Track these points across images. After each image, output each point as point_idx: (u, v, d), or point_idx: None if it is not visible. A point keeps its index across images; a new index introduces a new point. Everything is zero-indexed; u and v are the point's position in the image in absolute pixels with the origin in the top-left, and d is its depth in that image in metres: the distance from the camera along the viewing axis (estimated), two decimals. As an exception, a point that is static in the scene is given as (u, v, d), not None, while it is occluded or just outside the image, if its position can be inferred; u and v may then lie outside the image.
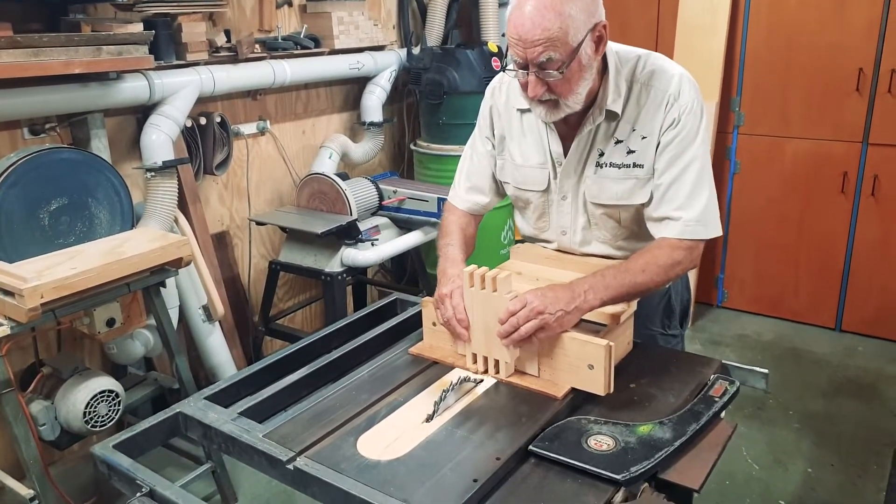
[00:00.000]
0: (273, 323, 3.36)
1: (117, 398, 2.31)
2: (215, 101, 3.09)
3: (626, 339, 1.54)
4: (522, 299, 1.35)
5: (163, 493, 1.17)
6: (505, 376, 1.42)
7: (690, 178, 1.50)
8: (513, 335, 1.35)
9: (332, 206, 3.21)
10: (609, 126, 1.55)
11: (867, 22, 3.43)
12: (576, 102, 1.46)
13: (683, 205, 1.50)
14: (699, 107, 1.52)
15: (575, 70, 1.40)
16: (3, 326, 1.97)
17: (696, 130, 1.50)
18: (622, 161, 1.55)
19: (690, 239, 1.50)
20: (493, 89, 1.74)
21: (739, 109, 3.87)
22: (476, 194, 1.78)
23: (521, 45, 1.37)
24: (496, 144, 1.74)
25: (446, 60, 3.63)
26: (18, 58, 2.11)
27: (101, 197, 2.37)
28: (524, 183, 1.69)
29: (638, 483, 1.14)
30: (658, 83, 1.51)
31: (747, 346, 3.79)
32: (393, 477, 1.14)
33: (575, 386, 1.36)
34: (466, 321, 1.44)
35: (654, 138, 1.52)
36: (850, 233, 3.72)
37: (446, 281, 1.52)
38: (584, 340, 1.33)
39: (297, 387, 1.49)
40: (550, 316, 1.33)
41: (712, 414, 1.30)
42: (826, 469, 2.78)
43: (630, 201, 1.56)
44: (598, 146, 1.57)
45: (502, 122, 1.71)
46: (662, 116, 1.51)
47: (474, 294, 1.42)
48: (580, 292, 1.38)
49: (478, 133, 1.78)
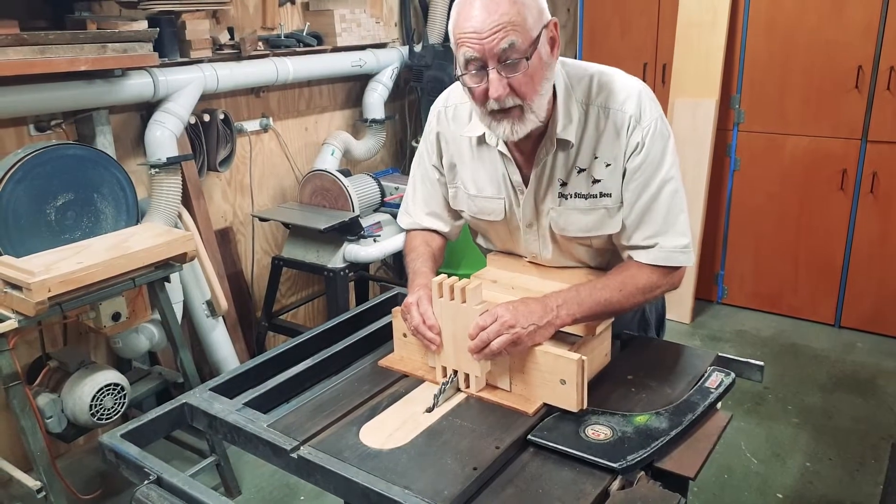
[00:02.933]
0: (276, 318, 3.38)
1: (123, 391, 2.34)
2: (219, 98, 3.12)
3: (603, 351, 1.47)
4: (493, 313, 1.28)
5: (170, 480, 1.19)
6: (475, 391, 1.36)
7: (663, 204, 1.41)
8: (484, 350, 1.28)
9: (334, 202, 3.24)
10: (567, 154, 1.43)
11: (866, 19, 3.44)
12: (540, 107, 1.34)
13: (659, 231, 1.41)
14: (664, 125, 1.41)
15: (536, 66, 1.29)
16: (10, 320, 2.00)
17: (662, 152, 1.40)
18: (588, 191, 1.44)
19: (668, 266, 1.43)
20: (439, 114, 1.59)
21: (739, 107, 3.89)
22: (435, 220, 1.67)
23: (477, 36, 1.26)
24: (446, 173, 1.61)
25: (448, 58, 3.65)
26: (25, 55, 2.14)
27: (107, 193, 2.40)
28: (480, 213, 1.58)
29: (634, 471, 1.16)
30: (615, 104, 1.40)
31: (746, 341, 3.81)
32: (395, 465, 1.16)
33: (546, 401, 1.31)
34: (437, 327, 1.36)
35: (618, 164, 1.41)
36: (849, 230, 3.73)
37: (413, 290, 1.45)
38: (556, 355, 1.27)
39: (301, 378, 1.51)
40: (523, 330, 1.27)
41: (708, 404, 1.32)
42: (824, 463, 2.81)
43: (600, 232, 1.47)
44: (557, 176, 1.45)
45: (451, 149, 1.58)
46: (625, 141, 1.39)
47: (443, 305, 1.35)
48: (553, 307, 1.32)
49: (426, 158, 1.64)
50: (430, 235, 1.67)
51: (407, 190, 1.73)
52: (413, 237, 1.68)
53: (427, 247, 1.63)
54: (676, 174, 1.42)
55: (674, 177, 1.42)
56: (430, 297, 1.39)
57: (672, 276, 1.45)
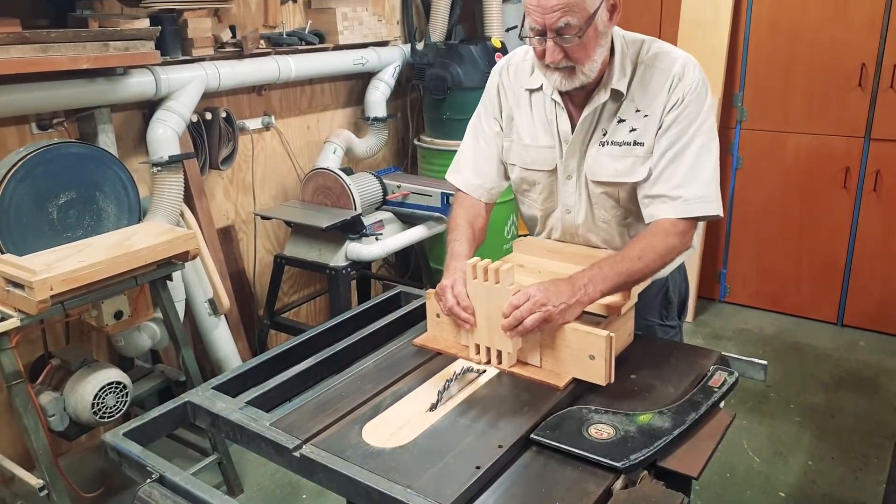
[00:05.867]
0: (278, 317, 3.38)
1: (125, 390, 2.34)
2: (221, 97, 3.12)
3: (628, 330, 1.56)
4: (526, 293, 1.37)
5: (172, 478, 1.19)
6: (507, 366, 1.44)
7: (690, 156, 1.51)
8: (517, 328, 1.37)
9: (336, 200, 3.23)
10: (613, 106, 1.57)
11: (870, 17, 3.43)
12: (591, 70, 1.49)
13: (682, 183, 1.51)
14: (704, 88, 1.53)
15: (591, 36, 1.44)
16: (13, 318, 2.00)
17: (699, 110, 1.52)
18: (623, 139, 1.56)
19: (687, 218, 1.51)
20: (501, 69, 1.75)
21: (742, 105, 3.88)
22: (483, 177, 1.78)
23: (540, 10, 1.40)
24: (504, 125, 1.74)
25: (450, 56, 3.64)
26: (27, 53, 2.13)
27: (109, 191, 2.39)
28: (532, 163, 1.70)
29: (637, 470, 1.16)
30: (663, 64, 1.54)
31: (749, 340, 3.81)
32: (397, 464, 1.16)
33: (576, 376, 1.38)
34: (471, 307, 1.45)
35: (656, 117, 1.53)
36: (852, 228, 3.73)
37: (448, 273, 1.54)
38: (585, 331, 1.35)
39: (303, 377, 1.51)
40: (554, 308, 1.35)
41: (711, 403, 1.32)
42: (826, 462, 2.80)
43: (628, 178, 1.57)
44: (602, 126, 1.59)
45: (510, 101, 1.72)
46: (666, 97, 1.52)
47: (477, 286, 1.44)
48: (580, 285, 1.40)
49: (483, 114, 1.78)
50: (475, 213, 1.77)
51: (460, 148, 1.86)
52: (459, 213, 1.76)
53: (469, 228, 1.72)
54: (709, 132, 1.53)
55: (705, 133, 1.53)
56: (464, 279, 1.48)
57: (686, 235, 1.53)
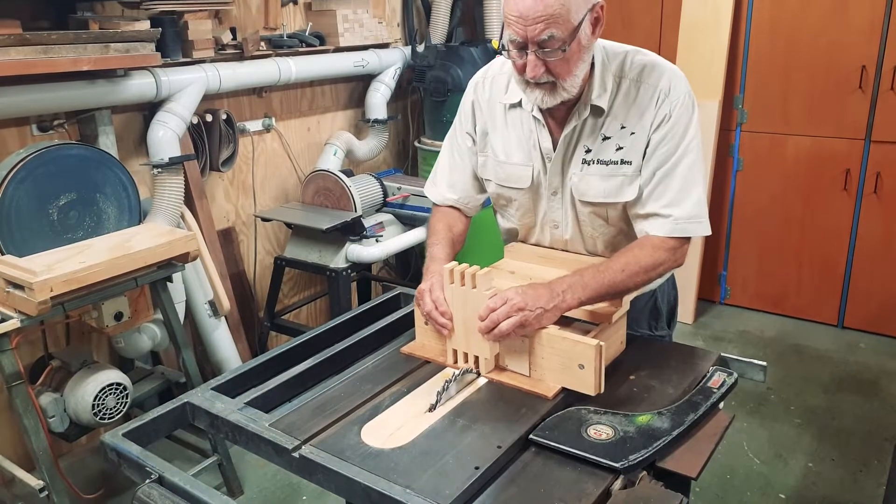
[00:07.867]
0: (278, 318, 3.38)
1: (125, 391, 2.35)
2: (221, 99, 3.12)
3: (619, 338, 1.52)
4: (503, 296, 1.34)
5: (172, 479, 1.19)
6: (485, 372, 1.41)
7: (680, 174, 1.47)
8: (493, 331, 1.34)
9: (336, 202, 3.24)
10: (595, 122, 1.52)
11: (870, 19, 3.43)
12: (573, 86, 1.43)
13: (673, 201, 1.47)
14: (691, 101, 1.49)
15: (574, 50, 1.38)
16: (13, 319, 2.00)
17: (687, 126, 1.48)
18: (610, 158, 1.51)
19: (678, 237, 1.48)
20: (476, 84, 1.70)
21: (742, 107, 3.89)
22: (458, 192, 1.75)
23: (522, 22, 1.34)
24: (477, 140, 1.70)
25: (450, 58, 3.65)
26: (27, 55, 2.14)
27: (109, 192, 2.40)
28: (507, 180, 1.65)
29: (636, 471, 1.16)
30: (648, 79, 1.49)
31: (749, 342, 3.81)
32: (396, 464, 1.16)
33: (565, 385, 1.35)
34: (449, 312, 1.43)
35: (643, 135, 1.49)
36: (853, 230, 3.73)
37: (427, 277, 1.52)
38: (574, 340, 1.32)
39: (303, 378, 1.50)
40: (531, 313, 1.32)
41: (710, 404, 1.32)
42: (826, 464, 2.80)
43: (617, 199, 1.53)
44: (583, 142, 1.53)
45: (484, 116, 1.67)
46: (653, 113, 1.48)
47: (454, 291, 1.42)
48: (559, 291, 1.37)
49: (458, 128, 1.74)
50: (453, 218, 1.75)
51: (437, 160, 1.82)
52: (437, 219, 1.75)
53: (448, 232, 1.70)
54: (696, 148, 1.50)
55: (693, 150, 1.49)
56: (441, 284, 1.45)
57: (678, 251, 1.50)
